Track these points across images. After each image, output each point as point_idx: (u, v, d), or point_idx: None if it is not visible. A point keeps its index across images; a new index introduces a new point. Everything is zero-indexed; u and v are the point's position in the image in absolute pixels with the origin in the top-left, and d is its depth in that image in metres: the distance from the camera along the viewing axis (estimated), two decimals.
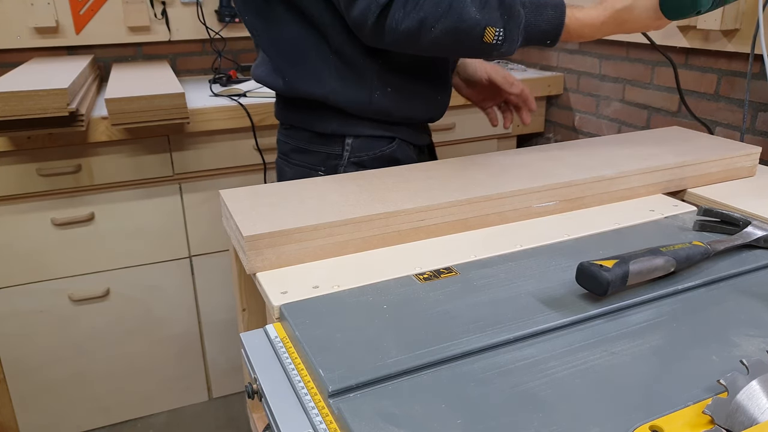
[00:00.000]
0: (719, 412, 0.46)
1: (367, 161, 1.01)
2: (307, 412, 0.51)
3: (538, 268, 0.73)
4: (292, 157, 1.07)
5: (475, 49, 0.87)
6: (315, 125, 1.02)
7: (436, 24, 0.83)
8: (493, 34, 0.84)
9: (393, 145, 1.02)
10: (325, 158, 1.02)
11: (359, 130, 1.01)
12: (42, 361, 1.69)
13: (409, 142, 1.06)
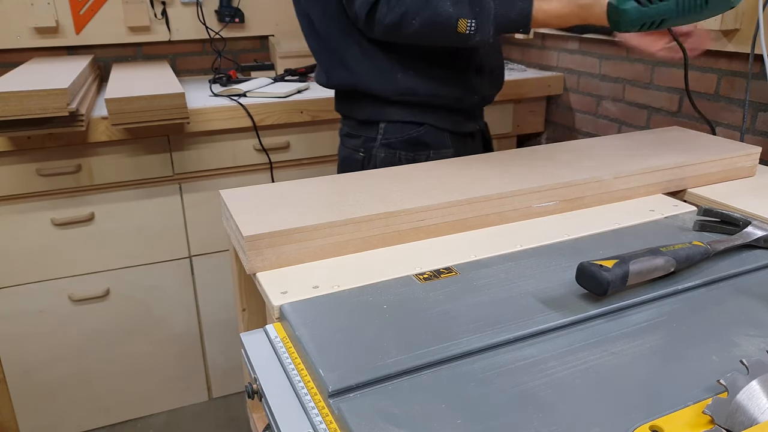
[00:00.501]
0: (719, 412, 0.46)
1: (396, 143, 1.10)
2: (307, 412, 0.51)
3: (538, 268, 0.73)
4: (345, 141, 1.19)
5: (451, 39, 0.96)
6: (355, 113, 1.15)
7: (416, 17, 0.94)
8: (466, 25, 0.93)
9: (421, 130, 1.10)
10: (364, 141, 1.13)
11: (390, 115, 1.10)
12: (42, 361, 1.69)
13: (443, 128, 1.12)
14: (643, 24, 0.81)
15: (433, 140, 1.11)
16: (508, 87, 1.88)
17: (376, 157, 1.11)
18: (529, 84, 1.91)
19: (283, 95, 1.65)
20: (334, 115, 1.69)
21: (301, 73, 1.91)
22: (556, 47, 1.96)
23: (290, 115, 1.64)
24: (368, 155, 1.12)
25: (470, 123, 1.19)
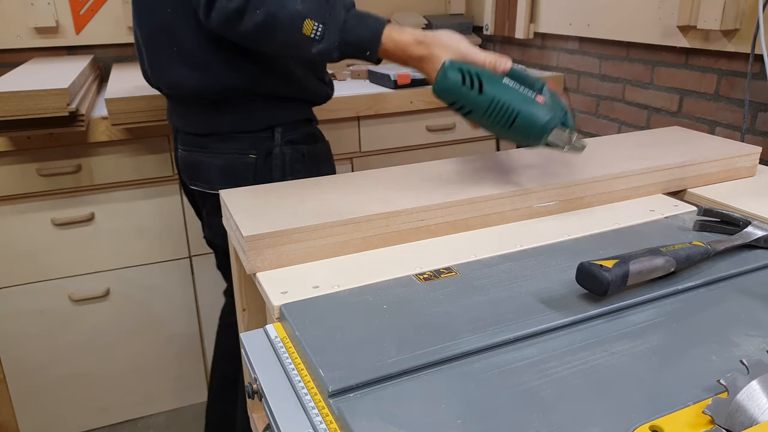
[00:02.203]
0: (719, 412, 0.46)
1: (297, 138, 1.11)
2: (307, 412, 0.51)
3: (538, 268, 0.73)
4: (219, 148, 1.14)
5: (293, 40, 0.90)
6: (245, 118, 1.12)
7: (261, 7, 0.87)
8: (312, 27, 0.88)
9: (313, 124, 1.15)
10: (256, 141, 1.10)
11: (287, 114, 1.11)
12: (42, 361, 1.69)
13: (316, 121, 1.18)
14: (454, 102, 0.79)
15: (318, 133, 1.16)
16: None
17: (281, 156, 1.08)
18: None
19: None
20: (334, 115, 1.69)
21: None
22: (556, 47, 1.96)
23: None
24: (265, 156, 1.08)
25: None
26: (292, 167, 1.09)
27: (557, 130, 0.79)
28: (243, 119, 1.08)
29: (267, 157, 1.08)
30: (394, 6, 2.28)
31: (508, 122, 0.78)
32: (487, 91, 0.77)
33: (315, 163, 1.12)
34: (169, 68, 1.07)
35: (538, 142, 0.80)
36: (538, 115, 0.78)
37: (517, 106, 0.78)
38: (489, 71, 0.81)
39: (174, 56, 1.05)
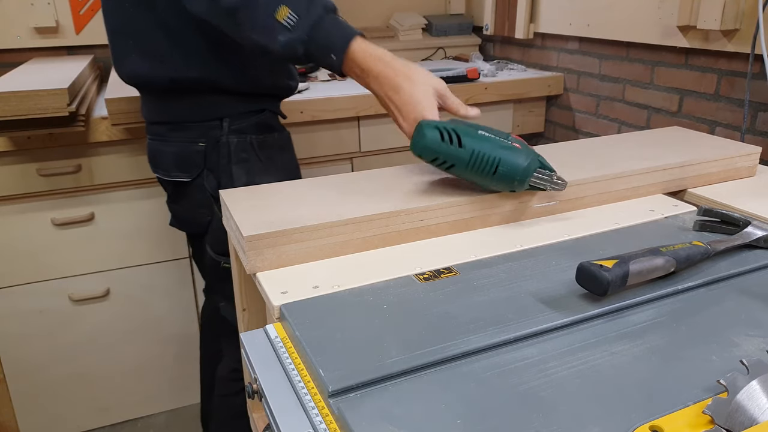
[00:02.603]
0: (719, 412, 0.46)
1: (246, 128, 1.12)
2: (307, 412, 0.51)
3: (538, 268, 0.73)
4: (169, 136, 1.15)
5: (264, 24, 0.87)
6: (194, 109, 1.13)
7: None
8: (286, 14, 0.86)
9: (265, 114, 1.14)
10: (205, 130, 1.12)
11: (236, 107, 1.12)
12: (42, 361, 1.69)
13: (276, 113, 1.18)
14: (435, 158, 0.80)
15: (274, 123, 1.16)
16: (508, 87, 1.89)
17: (227, 145, 1.10)
18: (529, 84, 1.92)
19: None
20: (334, 114, 1.69)
21: (301, 73, 1.91)
22: (556, 47, 1.96)
23: (290, 115, 1.63)
24: (213, 144, 1.11)
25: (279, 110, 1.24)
26: (238, 155, 1.10)
27: (538, 171, 0.81)
28: (193, 110, 1.10)
29: (215, 145, 1.10)
30: (394, 6, 2.28)
31: (491, 170, 0.79)
32: (466, 143, 0.79)
33: (266, 152, 1.13)
34: (126, 58, 1.10)
35: (522, 185, 0.81)
36: (518, 159, 0.80)
37: (498, 153, 0.79)
38: (463, 125, 0.82)
39: (130, 46, 1.08)
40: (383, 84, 0.89)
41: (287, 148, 1.20)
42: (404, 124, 0.89)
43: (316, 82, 1.87)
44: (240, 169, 1.11)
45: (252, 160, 1.12)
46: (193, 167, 1.12)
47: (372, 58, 0.89)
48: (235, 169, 1.11)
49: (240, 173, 1.11)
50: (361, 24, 2.18)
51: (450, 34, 2.27)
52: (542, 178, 0.82)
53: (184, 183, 1.15)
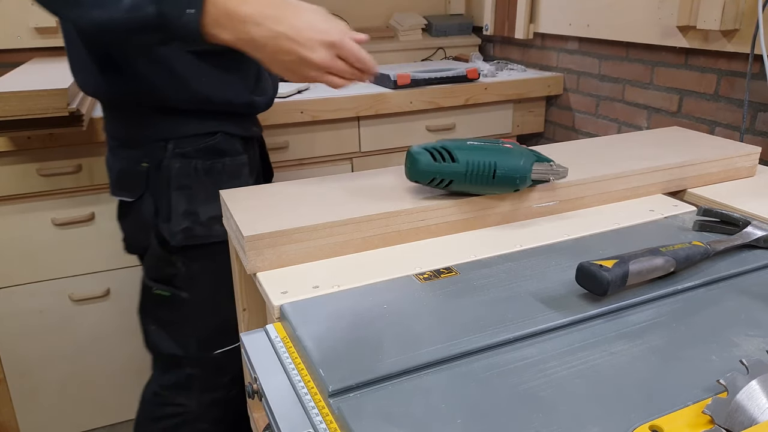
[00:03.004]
0: (719, 412, 0.46)
1: (191, 152, 1.01)
2: (307, 412, 0.52)
3: (538, 268, 0.73)
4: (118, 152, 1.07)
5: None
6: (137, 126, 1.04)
7: None
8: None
9: (216, 137, 1.03)
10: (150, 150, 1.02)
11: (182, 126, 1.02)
12: (42, 361, 1.69)
13: (235, 134, 1.05)
14: (432, 179, 0.80)
15: (228, 147, 1.04)
16: (508, 87, 1.89)
17: (168, 168, 1.00)
18: (528, 84, 1.92)
19: (283, 95, 1.65)
20: (334, 114, 1.69)
21: None
22: (555, 47, 1.97)
23: (290, 115, 1.64)
24: (156, 166, 1.01)
25: (255, 127, 1.13)
26: (179, 181, 1.00)
27: (537, 165, 0.82)
28: (137, 128, 1.02)
29: (158, 167, 1.01)
30: (394, 6, 2.28)
31: (490, 176, 0.80)
32: (458, 156, 0.79)
33: (213, 179, 1.02)
34: (75, 71, 1.05)
35: (524, 182, 0.82)
36: (514, 159, 0.80)
37: (492, 158, 0.80)
38: (450, 141, 0.82)
39: (73, 57, 1.03)
40: (265, 19, 0.75)
41: (240, 175, 1.07)
42: (312, 55, 0.76)
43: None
44: (180, 197, 1.01)
45: (195, 187, 1.02)
46: (135, 188, 1.04)
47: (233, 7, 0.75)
48: (175, 195, 1.01)
49: (179, 200, 1.01)
50: (361, 24, 2.18)
51: (450, 35, 2.27)
52: (542, 171, 0.82)
53: (127, 202, 1.08)
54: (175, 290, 1.07)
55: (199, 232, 1.02)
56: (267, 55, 0.78)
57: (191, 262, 1.05)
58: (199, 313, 1.08)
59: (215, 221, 1.01)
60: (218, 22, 0.75)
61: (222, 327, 1.06)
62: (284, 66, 0.79)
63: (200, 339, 1.09)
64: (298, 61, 0.77)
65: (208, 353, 1.09)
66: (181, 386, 1.13)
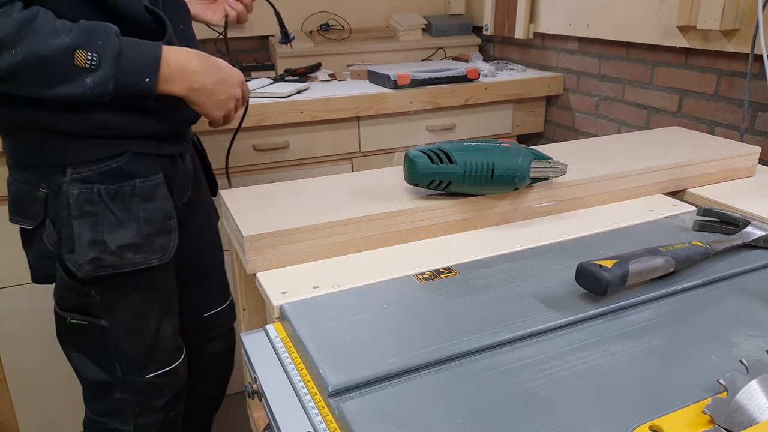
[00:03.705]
0: (719, 412, 0.46)
1: (91, 177, 0.92)
2: (307, 412, 0.52)
3: (538, 268, 0.73)
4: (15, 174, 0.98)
5: (65, 75, 0.80)
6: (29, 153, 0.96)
7: (17, 45, 0.76)
8: (85, 57, 0.80)
9: (122, 159, 0.94)
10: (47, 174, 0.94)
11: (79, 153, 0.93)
12: (42, 361, 1.69)
13: (149, 153, 0.96)
14: (431, 181, 0.81)
15: (138, 168, 0.95)
16: (508, 87, 1.89)
17: (67, 195, 0.91)
18: (528, 84, 1.91)
19: (283, 95, 1.65)
20: (334, 115, 1.69)
21: (301, 74, 1.91)
22: (555, 47, 1.97)
23: (290, 115, 1.64)
24: (54, 191, 0.92)
25: (179, 144, 1.05)
26: (81, 209, 0.91)
27: (535, 163, 0.82)
28: (31, 151, 0.94)
29: (57, 193, 0.92)
30: (394, 6, 2.28)
31: (489, 176, 0.80)
32: (456, 158, 0.80)
33: (121, 204, 0.93)
34: None
35: (523, 181, 0.82)
36: (512, 158, 0.81)
37: (490, 158, 0.80)
38: (448, 143, 0.82)
39: None
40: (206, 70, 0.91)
41: (155, 197, 0.96)
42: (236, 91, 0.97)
43: (316, 82, 1.87)
44: (83, 225, 0.91)
45: (102, 213, 0.92)
46: (31, 215, 0.96)
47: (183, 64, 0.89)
48: (77, 224, 0.91)
49: (83, 229, 0.91)
50: (361, 24, 2.18)
51: (450, 35, 2.27)
52: (541, 167, 0.83)
53: (27, 230, 0.99)
54: (93, 319, 1.00)
55: (110, 262, 0.93)
56: (206, 98, 0.93)
57: (106, 291, 0.97)
58: (121, 340, 1.01)
59: (129, 249, 0.93)
60: (172, 78, 0.88)
61: (152, 352, 1.02)
62: (217, 104, 0.95)
63: (127, 364, 1.02)
64: (227, 99, 0.96)
65: (137, 378, 1.03)
66: (113, 412, 1.07)
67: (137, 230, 0.93)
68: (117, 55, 0.82)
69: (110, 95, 0.83)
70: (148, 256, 0.94)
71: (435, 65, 1.96)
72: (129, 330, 1.00)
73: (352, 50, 2.08)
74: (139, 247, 0.93)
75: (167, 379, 1.06)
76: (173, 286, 1.05)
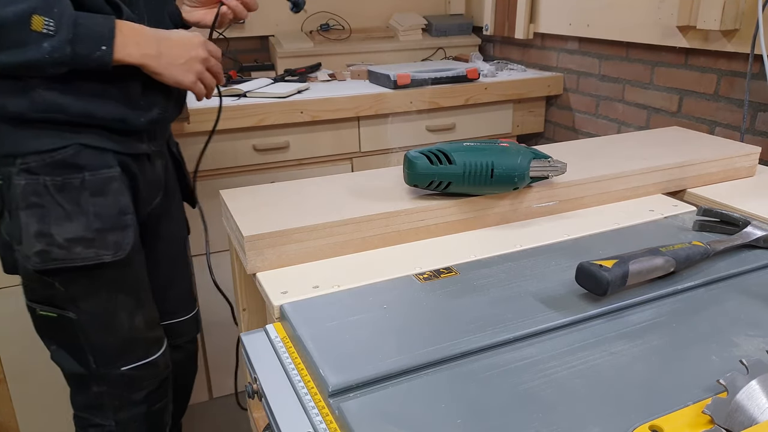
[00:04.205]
0: (719, 412, 0.46)
1: (37, 168, 0.90)
2: (307, 412, 0.52)
3: (538, 268, 0.73)
4: None
5: (21, 40, 0.80)
6: None
7: None
8: (42, 22, 0.80)
9: (69, 150, 0.91)
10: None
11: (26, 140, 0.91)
12: (42, 361, 1.69)
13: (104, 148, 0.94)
14: (431, 182, 0.81)
15: (88, 161, 0.92)
16: (508, 87, 1.89)
17: (16, 186, 0.90)
18: (528, 84, 1.91)
19: (283, 95, 1.65)
20: (334, 115, 1.69)
21: (301, 73, 1.91)
22: (555, 47, 1.97)
23: (290, 115, 1.64)
24: (7, 182, 0.91)
25: (144, 144, 1.01)
26: (28, 200, 0.90)
27: (534, 162, 0.82)
28: None
29: (9, 184, 0.91)
30: (394, 6, 2.28)
31: (488, 176, 0.80)
32: (455, 158, 0.80)
33: (69, 196, 0.91)
34: None
35: (523, 180, 0.82)
36: (511, 157, 0.81)
37: (489, 158, 0.80)
38: (447, 144, 0.82)
39: None
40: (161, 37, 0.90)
41: (106, 192, 0.94)
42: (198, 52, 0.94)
43: (316, 82, 1.87)
44: (30, 216, 0.90)
45: (48, 205, 0.90)
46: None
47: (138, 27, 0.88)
48: (24, 215, 0.90)
49: (30, 221, 0.90)
50: (361, 24, 2.18)
51: (450, 35, 2.27)
52: (540, 166, 0.83)
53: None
54: (60, 311, 0.99)
55: (58, 255, 0.91)
56: (166, 63, 0.91)
57: (69, 284, 0.96)
58: (91, 332, 1.00)
59: (77, 243, 0.91)
60: (127, 45, 0.87)
61: (125, 344, 1.01)
62: (182, 69, 0.93)
63: (100, 357, 1.02)
64: (190, 61, 0.94)
65: (112, 370, 1.03)
66: (92, 406, 1.07)
67: (86, 224, 0.91)
68: (74, 22, 0.82)
69: (68, 63, 0.83)
70: (100, 251, 0.92)
71: (435, 65, 1.96)
72: (98, 322, 0.99)
73: (352, 50, 2.08)
74: (89, 241, 0.91)
75: (145, 372, 1.05)
76: (141, 280, 1.04)
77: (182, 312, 1.25)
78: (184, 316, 1.25)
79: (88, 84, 0.89)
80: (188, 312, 1.26)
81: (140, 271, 1.03)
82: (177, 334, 1.25)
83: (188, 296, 1.26)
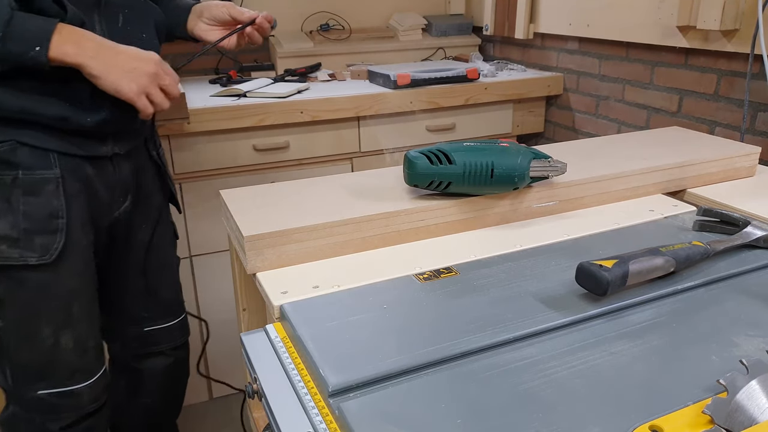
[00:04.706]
0: (719, 412, 0.46)
1: None
2: (307, 412, 0.52)
3: (538, 268, 0.73)
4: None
5: None
6: None
7: None
8: None
9: (4, 146, 0.90)
10: None
11: None
12: None
13: (45, 148, 0.92)
14: (431, 182, 0.81)
15: (24, 159, 0.90)
16: (508, 87, 1.89)
17: None
18: (528, 84, 1.91)
19: (283, 95, 1.65)
20: (334, 115, 1.69)
21: (301, 73, 1.91)
22: (555, 47, 1.97)
23: (290, 115, 1.64)
24: None
25: (107, 147, 0.99)
26: None
27: (534, 162, 0.82)
28: None
29: None
30: (394, 6, 2.28)
31: (488, 176, 0.80)
32: (455, 158, 0.80)
33: None
34: None
35: (523, 180, 0.82)
36: (511, 157, 0.81)
37: (489, 158, 0.80)
38: (447, 144, 0.82)
39: None
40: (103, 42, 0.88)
41: (40, 192, 0.91)
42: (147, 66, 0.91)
43: (316, 82, 1.87)
44: None
45: None
46: None
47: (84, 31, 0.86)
48: None
49: None
50: (361, 24, 2.18)
51: (450, 35, 2.27)
52: (540, 168, 0.83)
53: None
54: None
55: None
56: (106, 66, 0.88)
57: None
58: (11, 341, 0.96)
59: (2, 241, 0.90)
60: (65, 45, 0.84)
61: (46, 364, 0.96)
62: (123, 75, 0.89)
63: (18, 373, 0.97)
64: (135, 72, 0.90)
65: (28, 392, 0.97)
66: (8, 425, 1.02)
67: (13, 223, 0.90)
68: (7, 21, 0.80)
69: (2, 61, 0.82)
70: (25, 252, 0.90)
71: (435, 65, 1.96)
72: (18, 332, 0.95)
73: (352, 50, 2.08)
74: (15, 241, 0.89)
75: (63, 401, 0.99)
76: (77, 294, 0.98)
77: (166, 318, 1.21)
78: (167, 323, 1.22)
79: (29, 82, 0.88)
80: (173, 318, 1.23)
81: (77, 284, 0.98)
82: (157, 341, 1.22)
83: (173, 302, 1.23)
